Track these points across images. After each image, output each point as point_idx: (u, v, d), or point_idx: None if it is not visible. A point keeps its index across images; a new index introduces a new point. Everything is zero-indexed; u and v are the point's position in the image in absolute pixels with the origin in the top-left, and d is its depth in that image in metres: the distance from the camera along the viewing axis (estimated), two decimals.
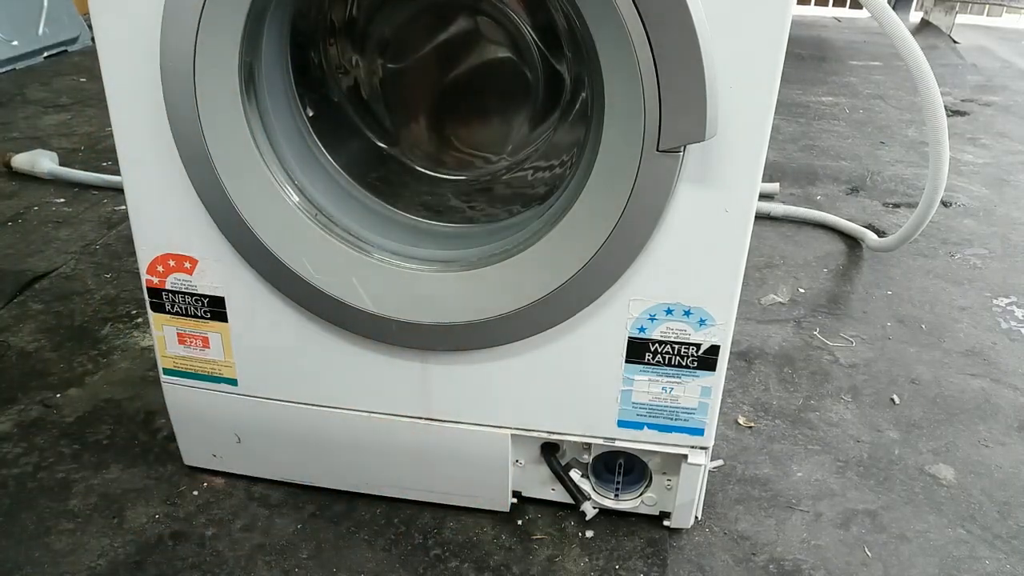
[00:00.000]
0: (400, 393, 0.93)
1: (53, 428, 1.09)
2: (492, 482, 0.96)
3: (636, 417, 0.89)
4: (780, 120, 2.39)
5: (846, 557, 0.93)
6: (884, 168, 2.07)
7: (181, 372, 0.96)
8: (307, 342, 0.92)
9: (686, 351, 0.85)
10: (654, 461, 0.94)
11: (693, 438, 0.90)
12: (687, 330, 0.84)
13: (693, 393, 0.87)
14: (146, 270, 0.91)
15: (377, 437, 0.95)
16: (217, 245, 0.88)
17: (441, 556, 0.91)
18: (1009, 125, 2.46)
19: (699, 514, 0.96)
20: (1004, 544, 0.96)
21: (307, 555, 0.91)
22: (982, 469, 1.07)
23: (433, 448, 0.95)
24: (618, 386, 0.88)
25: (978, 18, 4.18)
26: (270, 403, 0.96)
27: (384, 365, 0.92)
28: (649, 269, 0.82)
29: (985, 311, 1.44)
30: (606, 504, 0.95)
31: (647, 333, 0.85)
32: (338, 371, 0.93)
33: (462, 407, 0.93)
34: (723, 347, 0.85)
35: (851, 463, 1.08)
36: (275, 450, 0.99)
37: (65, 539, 0.92)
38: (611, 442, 0.92)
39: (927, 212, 1.36)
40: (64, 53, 2.86)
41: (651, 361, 0.87)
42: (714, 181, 0.77)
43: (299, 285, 0.87)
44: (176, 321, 0.93)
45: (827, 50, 3.33)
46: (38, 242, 1.57)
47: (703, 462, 0.91)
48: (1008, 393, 1.22)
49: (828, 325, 1.38)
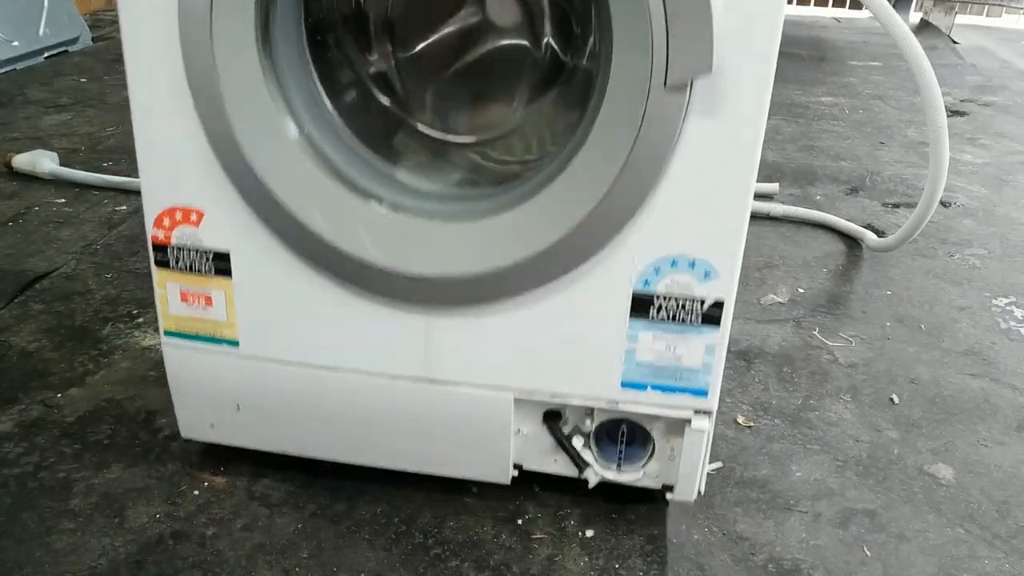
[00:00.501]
0: (403, 353, 0.93)
1: (54, 428, 1.09)
2: (493, 451, 0.96)
3: (640, 378, 0.89)
4: (780, 120, 2.39)
5: (845, 556, 0.93)
6: (884, 168, 2.07)
7: (182, 334, 0.96)
8: (311, 299, 0.91)
9: (690, 306, 0.85)
10: (657, 429, 0.93)
11: (697, 399, 0.89)
12: (691, 284, 0.85)
13: (697, 351, 0.87)
14: (153, 223, 0.91)
15: (378, 401, 0.95)
16: (226, 196, 0.88)
17: (441, 555, 0.92)
18: (1008, 125, 2.46)
19: (702, 488, 0.95)
20: (1003, 543, 0.96)
21: (308, 554, 0.91)
22: (981, 469, 1.08)
23: (434, 412, 0.94)
24: (622, 343, 0.88)
25: (977, 18, 4.18)
26: (270, 365, 0.95)
27: (388, 323, 0.91)
28: (654, 219, 0.82)
29: (984, 311, 1.44)
30: (608, 476, 0.94)
31: (651, 287, 0.85)
32: (341, 329, 0.93)
33: (464, 367, 0.92)
34: (727, 302, 0.85)
35: (850, 463, 1.08)
36: (273, 418, 0.99)
37: (66, 539, 0.92)
38: (614, 405, 0.91)
39: (927, 211, 1.37)
40: (64, 53, 2.86)
41: (655, 317, 0.86)
42: (720, 123, 0.78)
43: (306, 237, 0.87)
44: (180, 277, 0.93)
45: (827, 50, 3.33)
46: (39, 242, 1.58)
47: (706, 427, 0.90)
48: (1007, 393, 1.23)
49: (828, 325, 1.38)
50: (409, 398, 0.94)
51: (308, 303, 0.91)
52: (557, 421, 0.94)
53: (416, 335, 0.91)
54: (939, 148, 1.28)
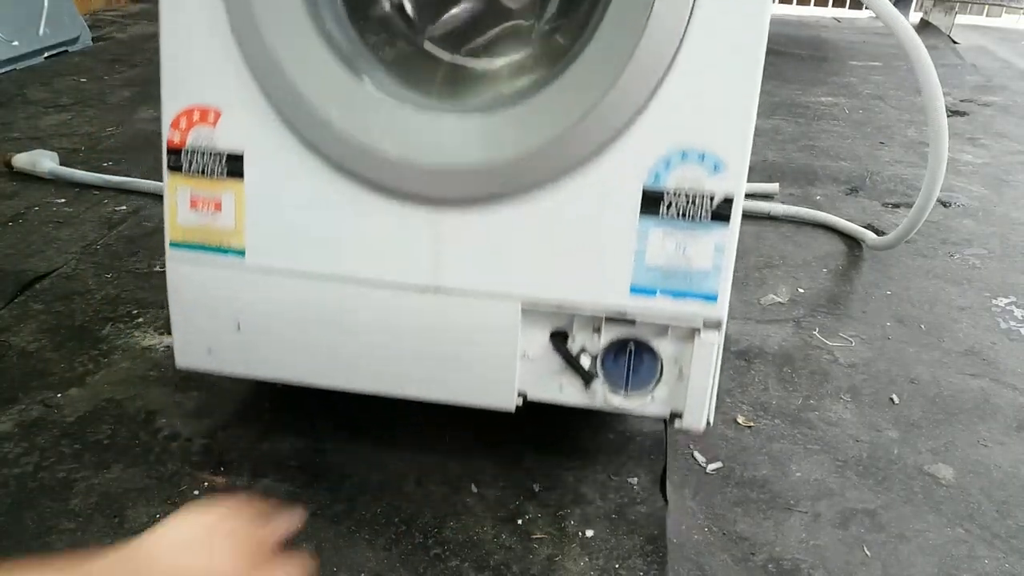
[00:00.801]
0: (410, 257, 0.93)
1: (54, 428, 1.09)
2: (498, 372, 0.96)
3: (649, 283, 0.88)
4: (780, 121, 2.39)
5: (845, 556, 0.94)
6: (883, 168, 2.07)
7: (188, 244, 0.97)
8: (322, 197, 0.92)
9: (700, 201, 0.86)
10: (665, 346, 0.92)
11: (706, 306, 0.89)
12: (701, 178, 0.85)
13: (707, 250, 0.87)
14: (169, 125, 0.93)
15: (384, 316, 0.94)
16: (245, 92, 0.90)
17: (441, 555, 0.92)
18: (1008, 125, 2.46)
19: (711, 417, 0.94)
20: (1003, 543, 0.96)
21: (308, 554, 0.91)
22: (981, 469, 1.08)
23: (440, 327, 0.93)
24: (632, 243, 0.88)
25: (977, 18, 4.18)
26: (275, 277, 0.96)
27: (397, 224, 0.92)
28: (663, 110, 0.83)
29: (984, 311, 1.44)
30: (615, 403, 0.93)
31: (662, 182, 0.86)
32: (350, 232, 0.93)
33: (472, 274, 0.92)
34: (737, 198, 0.85)
35: (850, 463, 1.08)
36: (273, 339, 0.98)
37: (66, 539, 0.92)
38: (623, 313, 0.90)
39: (927, 204, 1.36)
40: (64, 53, 2.86)
41: (665, 214, 0.87)
42: (726, 14, 0.80)
43: (321, 131, 0.89)
44: (191, 181, 0.94)
45: (827, 50, 3.33)
46: (39, 242, 1.58)
47: (716, 341, 0.90)
48: (1007, 393, 1.23)
49: (828, 325, 1.38)
50: (415, 311, 0.94)
51: (318, 202, 0.92)
52: (564, 342, 0.93)
53: (424, 237, 0.92)
54: (939, 140, 1.29)
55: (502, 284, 0.92)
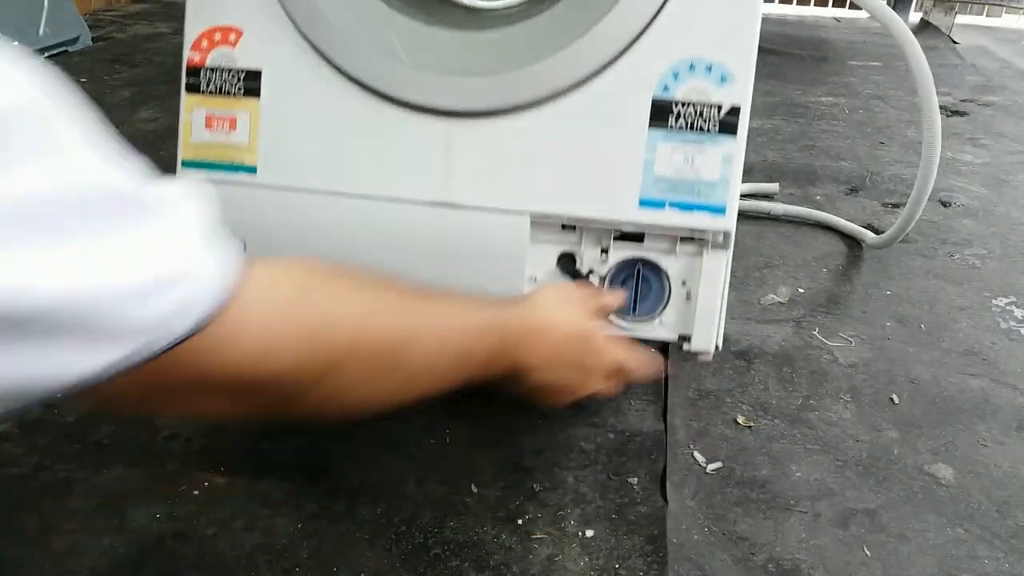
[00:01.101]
0: (422, 172, 0.95)
1: (54, 428, 1.09)
2: (507, 292, 0.97)
3: (658, 194, 0.91)
4: (780, 120, 2.39)
5: (845, 556, 0.94)
6: (883, 168, 2.07)
7: (200, 162, 0.99)
8: (336, 112, 0.95)
9: (708, 112, 0.89)
10: (673, 266, 0.94)
11: (715, 218, 0.91)
12: (708, 89, 0.88)
13: (715, 161, 0.89)
14: (190, 47, 0.97)
15: (393, 230, 0.96)
16: (266, 10, 0.94)
17: (441, 555, 0.92)
18: (1008, 125, 2.46)
19: (720, 342, 0.95)
20: (1003, 543, 0.96)
21: (308, 554, 0.91)
22: (981, 469, 1.08)
23: (450, 242, 0.95)
24: (641, 155, 0.90)
25: (977, 18, 4.18)
26: (286, 193, 0.98)
27: (409, 137, 0.94)
28: (671, 23, 0.87)
29: (984, 311, 1.44)
30: (622, 326, 0.95)
31: (670, 93, 0.89)
32: (362, 147, 0.95)
33: (482, 188, 0.94)
34: (743, 108, 0.88)
35: (850, 463, 1.08)
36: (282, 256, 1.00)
37: (66, 539, 0.92)
38: (632, 225, 0.93)
39: (922, 194, 1.36)
40: (64, 53, 2.86)
41: (674, 125, 0.89)
42: None
43: (338, 45, 0.92)
44: (208, 101, 0.97)
45: (827, 50, 3.33)
46: None
47: (725, 257, 0.92)
48: (1007, 393, 1.23)
49: (827, 325, 1.38)
50: (425, 226, 0.95)
51: (333, 117, 0.95)
52: (572, 264, 0.95)
53: (437, 149, 0.93)
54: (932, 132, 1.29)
55: (512, 197, 0.94)
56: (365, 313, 0.70)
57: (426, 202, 0.94)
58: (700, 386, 1.21)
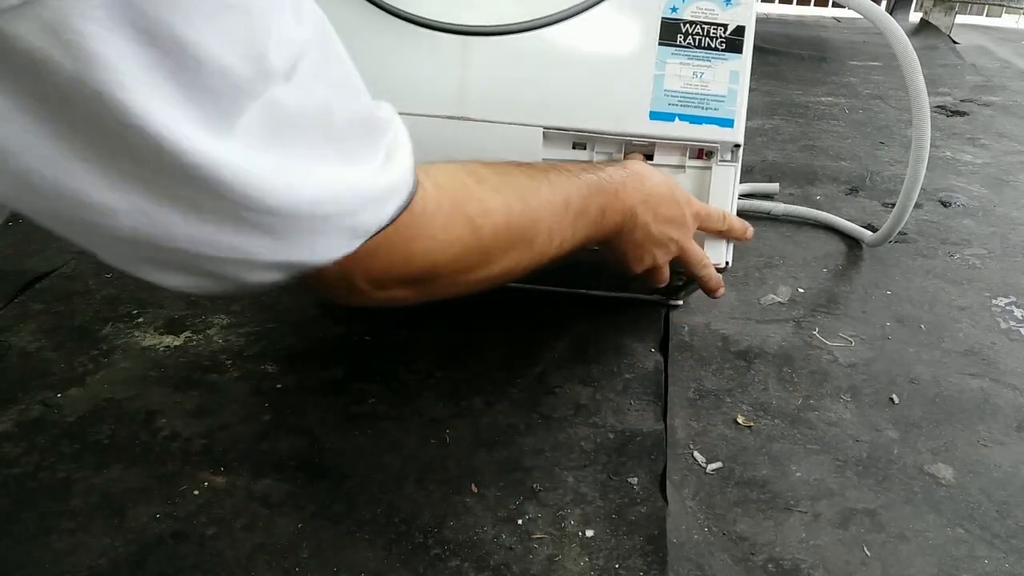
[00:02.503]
0: (438, 90, 0.99)
1: (54, 428, 1.09)
2: None
3: (668, 108, 0.98)
4: (780, 120, 2.39)
5: (845, 556, 0.94)
6: (883, 168, 2.07)
7: None
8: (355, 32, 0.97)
9: (714, 31, 0.95)
10: (682, 182, 0.98)
11: (723, 131, 0.96)
12: (715, 10, 0.95)
13: (722, 77, 0.96)
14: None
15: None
16: None
17: (441, 555, 0.92)
18: (1008, 125, 2.46)
19: (730, 258, 0.99)
20: (1003, 543, 0.96)
21: (308, 554, 0.91)
22: (981, 469, 1.08)
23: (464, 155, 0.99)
24: (651, 70, 0.96)
25: (977, 18, 4.18)
26: None
27: (426, 56, 0.98)
28: None
29: (984, 311, 1.44)
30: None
31: (679, 13, 0.96)
32: (379, 65, 0.98)
33: (496, 99, 0.98)
34: (748, 28, 0.96)
35: (850, 462, 1.08)
36: None
37: (66, 539, 0.92)
38: (642, 137, 0.98)
39: (914, 184, 1.36)
40: None
41: (682, 43, 0.96)
42: None
43: None
44: None
45: (827, 50, 3.33)
46: (38, 242, 1.58)
47: (734, 169, 0.97)
48: (1007, 393, 1.23)
49: (827, 325, 1.38)
50: (440, 139, 0.98)
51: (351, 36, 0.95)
52: None
53: (453, 65, 0.97)
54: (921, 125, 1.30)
55: (525, 111, 0.98)
56: (508, 203, 0.80)
57: (442, 116, 0.98)
58: (700, 386, 1.21)
